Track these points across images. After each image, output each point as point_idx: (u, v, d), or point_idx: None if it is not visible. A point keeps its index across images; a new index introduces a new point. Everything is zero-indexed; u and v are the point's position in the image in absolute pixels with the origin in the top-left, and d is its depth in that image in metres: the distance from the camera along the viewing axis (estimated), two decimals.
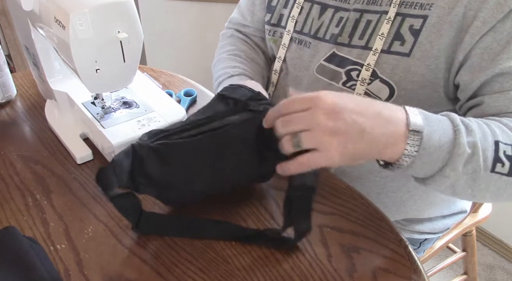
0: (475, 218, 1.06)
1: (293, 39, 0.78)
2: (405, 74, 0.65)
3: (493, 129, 0.53)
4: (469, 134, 0.51)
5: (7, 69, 0.87)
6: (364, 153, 0.49)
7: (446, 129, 0.51)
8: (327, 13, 0.74)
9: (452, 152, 0.50)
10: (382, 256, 0.58)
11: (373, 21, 0.68)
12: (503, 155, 0.51)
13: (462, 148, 0.49)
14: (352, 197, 0.67)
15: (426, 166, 0.51)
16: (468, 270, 1.19)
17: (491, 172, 0.51)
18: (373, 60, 0.66)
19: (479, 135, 0.51)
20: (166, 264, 0.56)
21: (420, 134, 0.49)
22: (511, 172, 0.51)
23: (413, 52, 0.63)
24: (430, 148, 0.49)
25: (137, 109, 0.73)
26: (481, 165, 0.50)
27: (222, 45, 0.91)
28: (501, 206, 1.44)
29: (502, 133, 0.53)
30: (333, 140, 0.47)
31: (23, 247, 0.54)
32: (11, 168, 0.72)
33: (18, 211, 0.64)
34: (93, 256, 0.57)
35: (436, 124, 0.50)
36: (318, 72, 0.75)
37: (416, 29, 0.63)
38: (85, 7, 0.56)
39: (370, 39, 0.68)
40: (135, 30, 0.61)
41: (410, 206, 0.80)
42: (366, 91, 0.69)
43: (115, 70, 0.63)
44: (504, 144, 0.52)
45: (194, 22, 2.04)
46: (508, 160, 0.51)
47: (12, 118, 0.84)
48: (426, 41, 0.62)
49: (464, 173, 0.51)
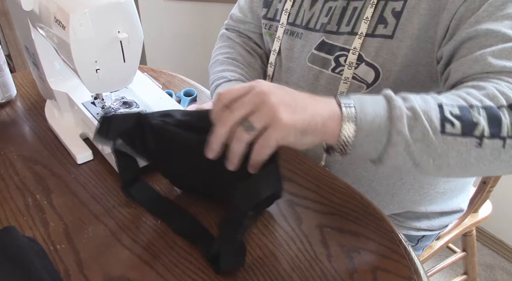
0: (475, 218, 1.06)
1: (286, 31, 0.82)
2: (388, 56, 0.67)
3: (434, 95, 0.52)
4: (405, 100, 0.50)
5: (7, 69, 0.87)
6: (311, 124, 0.48)
7: (379, 100, 0.50)
8: (317, 4, 0.77)
9: (390, 115, 0.48)
10: (382, 256, 0.58)
11: (358, 7, 0.71)
12: (450, 115, 0.49)
13: (399, 110, 0.48)
14: (352, 197, 0.67)
15: (370, 140, 0.49)
16: (468, 270, 1.19)
17: (441, 134, 0.48)
18: (359, 44, 0.69)
19: (417, 100, 0.50)
20: (166, 264, 0.56)
21: (352, 106, 0.49)
22: (465, 131, 0.48)
23: (395, 34, 0.66)
24: (366, 117, 0.48)
25: (137, 109, 0.73)
26: (427, 127, 0.48)
27: (221, 46, 0.93)
28: (501, 206, 1.44)
29: (445, 98, 0.51)
30: (281, 110, 0.47)
31: (23, 247, 0.54)
32: (11, 168, 0.72)
33: (18, 211, 0.64)
34: (93, 256, 0.57)
35: (368, 98, 0.50)
36: (309, 61, 0.78)
37: (398, 11, 0.66)
38: (85, 7, 0.56)
39: (355, 24, 0.71)
40: (135, 30, 0.61)
41: (404, 196, 0.80)
42: (353, 75, 0.71)
43: (115, 70, 0.63)
44: (450, 105, 0.49)
45: (194, 22, 2.04)
46: (457, 120, 0.48)
47: (12, 118, 0.84)
48: (407, 22, 0.65)
49: (413, 139, 0.48)
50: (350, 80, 0.72)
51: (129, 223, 0.62)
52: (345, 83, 0.72)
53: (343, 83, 0.72)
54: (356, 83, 0.72)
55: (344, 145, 0.50)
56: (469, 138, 0.48)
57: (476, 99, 0.50)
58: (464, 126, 0.48)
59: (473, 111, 0.49)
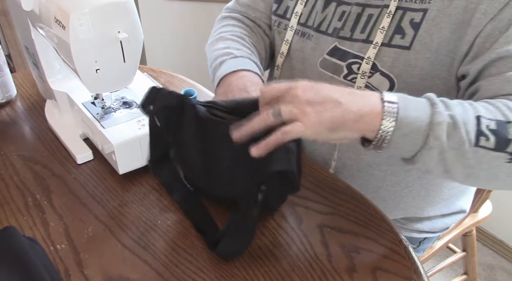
0: (475, 218, 1.06)
1: (296, 31, 0.79)
2: (405, 67, 0.66)
3: (474, 106, 0.53)
4: (447, 108, 0.51)
5: (7, 69, 0.87)
6: (340, 122, 0.50)
7: (422, 102, 0.52)
8: (330, 7, 0.74)
9: (432, 121, 0.50)
10: (382, 256, 0.58)
11: (374, 15, 0.69)
12: (486, 129, 0.50)
13: (441, 116, 0.50)
14: (352, 197, 0.67)
15: (407, 140, 0.51)
16: (468, 270, 1.19)
17: (475, 146, 0.50)
18: (373, 53, 0.67)
19: (458, 109, 0.51)
20: (166, 264, 0.56)
21: (396, 103, 0.50)
22: (498, 147, 0.50)
23: (413, 45, 0.64)
24: (408, 118, 0.50)
25: (137, 109, 0.73)
26: (464, 138, 0.49)
27: (225, 25, 0.86)
28: (501, 206, 1.44)
29: (484, 110, 0.52)
30: (309, 109, 0.49)
31: (23, 248, 0.54)
32: (11, 168, 0.72)
33: (18, 211, 0.64)
34: (93, 256, 0.57)
35: (412, 99, 0.52)
36: (321, 66, 0.75)
37: (417, 22, 0.64)
38: (85, 7, 0.56)
39: (371, 32, 0.68)
40: (135, 30, 0.61)
41: (410, 203, 0.80)
42: (366, 84, 0.69)
43: (115, 70, 0.63)
44: (487, 119, 0.51)
45: (194, 22, 2.04)
46: (492, 134, 0.50)
47: (12, 118, 0.84)
48: (426, 34, 0.63)
49: (449, 146, 0.50)
50: (363, 89, 0.69)
51: (129, 223, 0.62)
52: (361, 82, 0.70)
53: (359, 82, 0.70)
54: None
55: (381, 140, 0.51)
56: (501, 153, 0.50)
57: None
58: (498, 142, 0.50)
59: (509, 127, 0.50)
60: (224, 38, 0.81)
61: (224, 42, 0.80)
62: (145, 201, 0.66)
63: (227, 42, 0.80)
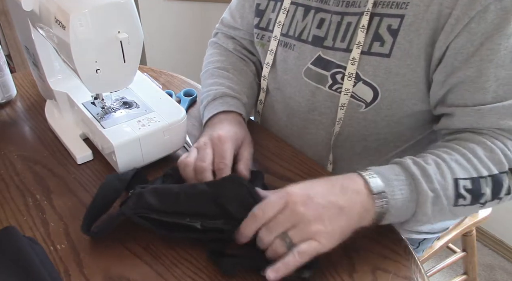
0: (475, 218, 1.06)
1: (280, 42, 0.78)
2: (386, 75, 0.65)
3: (450, 166, 0.57)
4: (428, 180, 0.55)
5: (7, 69, 0.87)
6: (348, 225, 0.53)
7: (405, 183, 0.55)
8: (309, 15, 0.73)
9: (418, 201, 0.55)
10: (382, 256, 0.58)
11: (352, 23, 0.68)
12: (463, 189, 0.56)
13: (424, 195, 0.55)
14: None
15: (397, 218, 0.56)
16: (468, 270, 1.19)
17: (454, 206, 0.56)
18: (357, 54, 0.66)
19: (437, 178, 0.55)
20: (166, 264, 0.56)
21: (385, 193, 0.54)
22: (473, 201, 0.57)
23: (393, 53, 0.63)
24: (397, 203, 0.54)
25: (137, 109, 0.73)
26: (445, 204, 0.56)
27: (211, 54, 0.89)
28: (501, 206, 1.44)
29: (459, 168, 0.57)
30: (320, 226, 0.51)
31: (23, 248, 0.54)
32: (11, 168, 0.72)
33: (18, 211, 0.64)
34: (93, 256, 0.57)
35: (395, 179, 0.55)
36: (306, 76, 0.74)
37: (394, 29, 0.63)
38: (85, 7, 0.56)
39: (351, 40, 0.68)
40: (135, 30, 0.61)
41: None
42: (352, 94, 0.69)
43: (115, 70, 0.63)
44: (463, 179, 0.56)
45: (194, 22, 2.04)
46: (468, 193, 0.56)
47: (12, 118, 0.84)
48: (404, 40, 0.62)
49: (433, 213, 0.56)
50: (348, 98, 0.69)
51: (129, 223, 0.62)
52: (345, 95, 0.69)
53: (344, 95, 0.70)
54: (355, 101, 0.69)
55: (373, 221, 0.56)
56: (475, 205, 0.58)
57: (485, 167, 0.57)
58: (473, 198, 0.57)
59: (482, 182, 0.57)
60: (211, 73, 0.84)
61: (210, 78, 0.83)
62: None
63: (213, 79, 0.82)
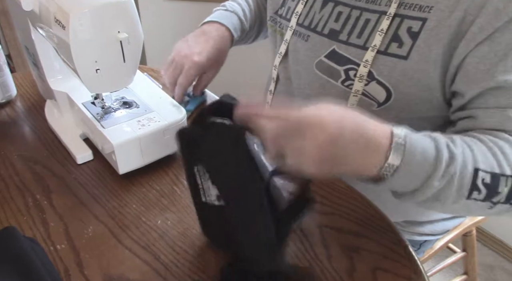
0: (475, 218, 1.06)
1: (295, 31, 0.78)
2: (402, 77, 0.64)
3: (475, 154, 0.52)
4: (451, 161, 0.50)
5: (7, 69, 0.87)
6: (341, 173, 0.50)
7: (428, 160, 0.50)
8: (327, 7, 0.73)
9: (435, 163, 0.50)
10: (382, 256, 0.58)
11: (371, 20, 0.66)
12: (481, 183, 0.52)
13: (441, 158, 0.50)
14: (352, 197, 0.67)
15: (407, 176, 0.51)
16: (468, 270, 1.19)
17: (466, 199, 0.52)
18: (371, 56, 0.65)
19: (460, 160, 0.51)
20: (166, 264, 0.56)
21: (403, 146, 0.49)
22: (487, 198, 0.52)
23: (410, 55, 0.62)
24: (413, 158, 0.49)
25: (137, 109, 0.73)
26: (454, 195, 0.51)
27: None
28: None
29: (483, 159, 0.53)
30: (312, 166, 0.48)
31: (23, 248, 0.54)
32: (11, 168, 0.72)
33: (18, 211, 0.64)
34: (93, 256, 0.57)
35: (418, 145, 0.50)
36: (317, 68, 0.74)
37: (415, 31, 0.61)
38: (85, 7, 0.56)
39: (368, 38, 0.66)
40: (135, 30, 0.61)
41: (410, 206, 0.79)
42: (363, 91, 0.68)
43: (115, 70, 0.63)
44: (483, 172, 0.52)
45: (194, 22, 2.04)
46: (485, 188, 0.52)
47: (12, 118, 0.84)
48: (424, 44, 0.61)
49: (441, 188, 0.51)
50: (359, 95, 0.68)
51: (129, 223, 0.62)
52: (354, 96, 0.69)
53: (353, 96, 0.69)
54: (367, 100, 0.68)
55: (380, 178, 0.51)
56: (486, 202, 0.53)
57: (509, 166, 0.53)
58: (488, 194, 0.52)
59: (502, 180, 0.52)
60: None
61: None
62: (145, 201, 0.66)
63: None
